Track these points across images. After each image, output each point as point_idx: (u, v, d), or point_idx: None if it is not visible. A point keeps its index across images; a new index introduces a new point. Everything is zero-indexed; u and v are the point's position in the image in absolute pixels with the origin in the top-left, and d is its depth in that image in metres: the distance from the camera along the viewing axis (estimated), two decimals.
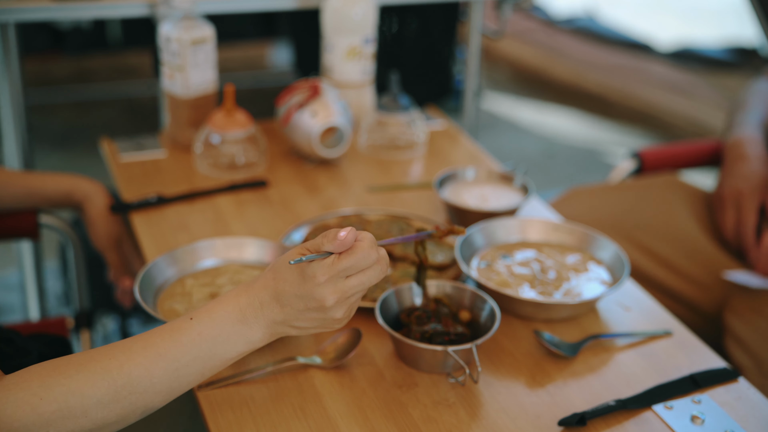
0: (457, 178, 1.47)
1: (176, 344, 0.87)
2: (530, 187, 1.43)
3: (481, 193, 1.44)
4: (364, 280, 0.89)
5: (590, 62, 4.41)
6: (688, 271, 1.53)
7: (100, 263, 1.58)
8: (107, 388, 0.84)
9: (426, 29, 3.02)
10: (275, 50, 4.33)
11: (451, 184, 1.46)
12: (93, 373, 0.85)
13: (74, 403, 0.83)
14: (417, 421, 0.98)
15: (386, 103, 1.63)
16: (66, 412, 0.83)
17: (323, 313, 0.89)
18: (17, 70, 1.69)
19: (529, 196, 1.41)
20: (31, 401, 0.82)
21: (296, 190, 1.50)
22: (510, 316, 1.17)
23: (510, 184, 1.47)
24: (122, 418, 0.87)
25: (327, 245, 0.87)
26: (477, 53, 2.15)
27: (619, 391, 1.05)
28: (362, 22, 1.64)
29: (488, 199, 1.43)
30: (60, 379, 0.84)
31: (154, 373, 0.86)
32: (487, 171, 1.49)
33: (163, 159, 1.58)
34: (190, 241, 1.31)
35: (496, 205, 1.40)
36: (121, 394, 0.85)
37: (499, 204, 1.41)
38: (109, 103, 3.87)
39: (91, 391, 0.84)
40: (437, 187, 1.42)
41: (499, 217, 1.34)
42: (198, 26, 1.55)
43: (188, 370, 0.88)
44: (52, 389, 0.83)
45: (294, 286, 0.88)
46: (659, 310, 1.21)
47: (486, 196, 1.43)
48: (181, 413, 1.12)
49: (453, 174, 1.47)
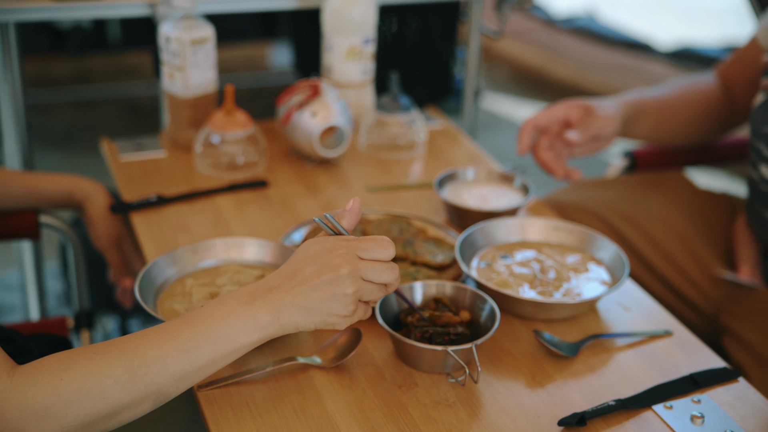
0: (457, 178, 1.47)
1: (188, 325, 0.90)
2: (530, 187, 1.43)
3: (481, 193, 1.44)
4: (377, 272, 0.93)
5: (590, 62, 4.41)
6: (686, 269, 1.53)
7: (100, 263, 1.58)
8: (124, 368, 0.86)
9: (426, 29, 3.01)
10: (275, 50, 4.33)
11: (451, 184, 1.46)
12: (110, 354, 0.87)
13: (93, 383, 0.85)
14: (417, 421, 0.98)
15: (386, 103, 1.63)
16: (85, 392, 0.85)
17: (335, 286, 0.91)
18: (17, 70, 1.69)
19: (529, 196, 1.41)
20: (52, 381, 0.84)
21: (296, 190, 1.50)
22: (510, 316, 1.17)
23: (510, 184, 1.47)
24: (137, 402, 0.88)
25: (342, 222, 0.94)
26: (477, 53, 2.15)
27: (619, 391, 1.05)
28: (362, 22, 1.64)
29: (488, 199, 1.43)
30: (79, 360, 0.86)
31: (167, 353, 0.88)
32: (487, 171, 1.49)
33: (163, 159, 1.58)
34: (190, 241, 1.31)
35: (496, 205, 1.40)
36: (137, 375, 0.87)
37: (499, 204, 1.41)
38: (110, 103, 3.88)
39: (108, 371, 0.86)
40: (437, 187, 1.42)
41: (499, 217, 1.35)
42: (198, 26, 1.55)
43: (200, 352, 0.89)
44: (72, 369, 0.85)
45: (312, 259, 0.92)
46: (659, 310, 1.21)
47: (486, 196, 1.43)
48: (181, 413, 1.12)
49: (453, 174, 1.47)
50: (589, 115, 1.49)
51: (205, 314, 0.91)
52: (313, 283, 0.91)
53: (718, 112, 1.65)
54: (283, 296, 0.91)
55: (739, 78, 1.64)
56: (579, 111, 1.49)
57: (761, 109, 1.47)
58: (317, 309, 0.92)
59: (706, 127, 1.67)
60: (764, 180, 1.44)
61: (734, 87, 1.65)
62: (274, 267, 1.21)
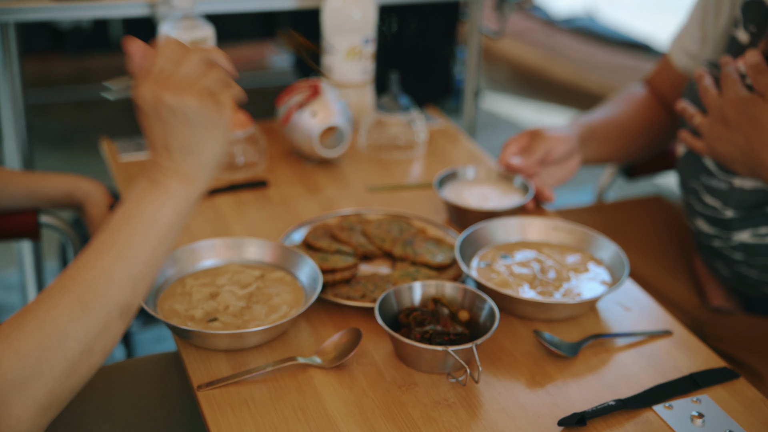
0: (457, 177, 1.47)
1: (110, 235, 0.88)
2: (530, 187, 1.43)
3: (482, 193, 1.44)
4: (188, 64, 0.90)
5: (590, 62, 4.41)
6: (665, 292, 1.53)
7: None
8: (71, 300, 0.84)
9: (426, 29, 3.01)
10: (275, 50, 4.33)
11: (452, 184, 1.46)
12: (52, 296, 0.85)
13: (49, 329, 0.83)
14: (417, 421, 0.98)
15: (386, 103, 1.63)
16: (47, 341, 0.82)
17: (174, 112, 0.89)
18: (17, 70, 1.69)
19: (530, 196, 1.41)
20: (12, 346, 0.81)
21: (296, 190, 1.50)
22: (510, 316, 1.18)
23: (510, 184, 1.47)
24: (104, 326, 0.86)
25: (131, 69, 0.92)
26: (477, 53, 2.15)
27: (619, 391, 1.05)
28: (362, 22, 1.64)
29: (489, 199, 1.43)
30: (27, 316, 0.83)
31: (105, 267, 0.87)
32: (487, 170, 1.49)
33: None
34: (190, 241, 1.31)
35: (496, 205, 1.40)
36: (87, 300, 0.85)
37: (500, 203, 1.41)
38: (109, 103, 3.87)
39: (57, 311, 0.84)
40: (437, 187, 1.42)
41: (499, 216, 1.35)
42: (198, 26, 1.55)
43: (136, 250, 0.88)
44: (23, 327, 0.83)
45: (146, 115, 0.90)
46: (659, 310, 1.21)
47: (486, 196, 1.43)
48: (181, 413, 1.12)
49: (453, 173, 1.47)
50: (535, 138, 1.49)
51: (119, 217, 0.89)
52: (172, 130, 0.89)
53: (659, 119, 1.65)
54: (168, 158, 0.90)
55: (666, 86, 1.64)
56: (525, 138, 1.50)
57: (685, 162, 1.46)
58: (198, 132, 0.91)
59: (654, 136, 1.66)
60: (702, 233, 1.43)
61: (665, 94, 1.65)
62: (274, 267, 1.21)
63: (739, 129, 1.27)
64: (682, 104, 1.40)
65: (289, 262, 1.21)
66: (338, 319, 1.16)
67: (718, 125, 1.30)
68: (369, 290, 1.18)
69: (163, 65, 0.90)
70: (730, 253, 1.40)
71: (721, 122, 1.29)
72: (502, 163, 1.47)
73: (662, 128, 1.66)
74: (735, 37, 1.38)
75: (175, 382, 1.14)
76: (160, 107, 0.89)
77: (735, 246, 1.38)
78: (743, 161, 1.29)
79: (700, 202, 1.41)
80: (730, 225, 1.37)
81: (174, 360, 1.18)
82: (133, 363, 1.19)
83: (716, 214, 1.38)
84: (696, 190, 1.41)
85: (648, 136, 1.66)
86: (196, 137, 0.91)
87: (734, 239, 1.38)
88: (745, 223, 1.35)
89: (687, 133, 1.40)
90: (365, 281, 1.21)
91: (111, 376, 1.14)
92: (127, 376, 1.14)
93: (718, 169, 1.37)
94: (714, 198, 1.38)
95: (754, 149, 1.26)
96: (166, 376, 1.15)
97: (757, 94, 1.25)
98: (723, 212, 1.37)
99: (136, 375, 1.15)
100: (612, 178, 1.82)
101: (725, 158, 1.31)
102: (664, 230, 1.68)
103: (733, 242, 1.38)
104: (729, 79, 1.28)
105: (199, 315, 1.10)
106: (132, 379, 1.14)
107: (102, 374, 1.15)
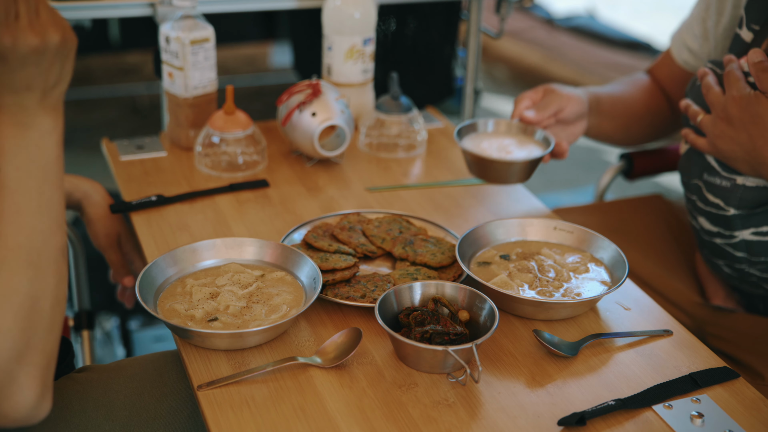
0: (477, 129, 1.44)
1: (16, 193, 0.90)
2: (551, 139, 1.41)
3: (502, 144, 1.42)
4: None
5: (590, 62, 4.41)
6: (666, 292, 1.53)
7: (100, 263, 1.58)
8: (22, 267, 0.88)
9: (426, 29, 3.01)
10: (275, 50, 4.33)
11: (471, 136, 1.43)
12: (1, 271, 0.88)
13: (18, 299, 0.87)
14: (417, 421, 0.98)
15: (386, 103, 1.63)
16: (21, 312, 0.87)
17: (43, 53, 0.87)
18: None
19: (551, 148, 1.39)
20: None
21: (296, 190, 1.50)
22: (510, 316, 1.18)
23: (531, 137, 1.44)
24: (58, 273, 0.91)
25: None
26: (477, 53, 2.15)
27: (619, 390, 1.05)
28: (362, 22, 1.64)
29: (510, 151, 1.40)
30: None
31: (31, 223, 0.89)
32: (507, 124, 1.46)
33: (163, 159, 1.58)
34: (190, 241, 1.31)
35: (518, 155, 1.36)
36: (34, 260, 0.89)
37: (522, 154, 1.38)
38: (110, 103, 3.88)
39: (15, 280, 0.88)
40: (457, 137, 1.40)
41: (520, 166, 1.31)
42: (198, 26, 1.55)
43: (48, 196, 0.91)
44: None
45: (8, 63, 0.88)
46: (659, 310, 1.21)
47: (507, 148, 1.41)
48: (181, 413, 1.12)
49: (472, 125, 1.44)
50: (547, 94, 1.50)
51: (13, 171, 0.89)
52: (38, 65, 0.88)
53: (661, 107, 1.66)
54: (31, 97, 0.89)
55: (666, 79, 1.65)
56: (539, 93, 1.51)
57: (686, 160, 1.46)
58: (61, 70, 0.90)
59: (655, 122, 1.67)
60: (704, 230, 1.44)
61: (665, 86, 1.66)
62: (274, 267, 1.21)
63: (742, 127, 1.27)
64: (686, 102, 1.40)
65: (289, 262, 1.21)
66: (338, 319, 1.16)
67: (721, 123, 1.30)
68: (369, 290, 1.18)
69: (6, 7, 0.87)
70: (731, 250, 1.40)
71: (724, 120, 1.30)
72: (516, 116, 1.46)
73: (663, 116, 1.67)
74: (739, 36, 1.38)
75: (175, 380, 1.14)
76: (28, 52, 0.87)
77: (737, 244, 1.38)
78: (746, 159, 1.29)
79: (702, 200, 1.41)
80: (732, 223, 1.37)
81: (173, 359, 1.18)
82: (132, 362, 1.19)
83: (718, 211, 1.38)
84: (698, 187, 1.41)
85: (649, 121, 1.66)
86: (59, 69, 0.91)
87: (736, 237, 1.38)
88: (748, 221, 1.36)
89: (690, 130, 1.40)
90: (365, 281, 1.21)
91: (111, 374, 1.14)
92: (127, 375, 1.15)
93: (720, 166, 1.37)
94: (716, 196, 1.38)
95: (756, 147, 1.26)
96: (165, 375, 1.15)
97: (761, 92, 1.25)
98: (725, 210, 1.37)
99: (136, 374, 1.15)
100: (612, 178, 1.82)
101: (728, 156, 1.31)
102: (665, 229, 1.68)
103: (735, 240, 1.38)
104: (732, 77, 1.28)
105: (200, 315, 1.10)
106: (131, 377, 1.14)
107: (102, 373, 1.15)
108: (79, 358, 1.59)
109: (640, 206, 1.76)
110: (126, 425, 1.09)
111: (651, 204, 1.76)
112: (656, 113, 1.66)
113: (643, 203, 1.77)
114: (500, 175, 1.40)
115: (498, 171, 1.33)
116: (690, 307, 1.50)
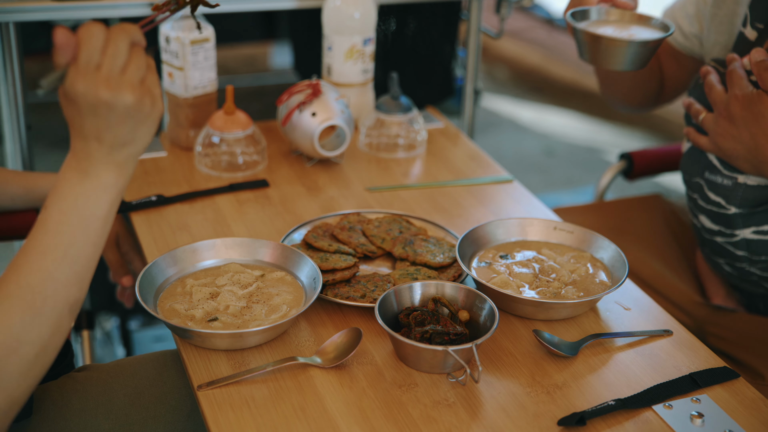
0: (587, 15, 1.35)
1: (48, 234, 0.88)
2: (670, 25, 1.32)
3: (619, 28, 1.33)
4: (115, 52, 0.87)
5: None
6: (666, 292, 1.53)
7: (100, 263, 1.58)
8: (21, 308, 0.85)
9: (426, 29, 3.01)
10: (275, 50, 4.33)
11: (580, 22, 1.34)
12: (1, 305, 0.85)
13: (3, 338, 0.84)
14: (417, 421, 0.98)
15: (386, 103, 1.63)
16: (2, 350, 0.84)
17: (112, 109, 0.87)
18: (17, 70, 1.69)
19: (671, 32, 1.30)
20: None
21: (296, 190, 1.50)
22: (510, 316, 1.18)
23: (648, 24, 1.35)
24: (58, 326, 0.88)
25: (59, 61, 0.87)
26: (477, 53, 2.15)
27: (618, 390, 1.05)
28: (362, 22, 1.64)
29: (632, 34, 1.31)
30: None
31: (49, 269, 0.87)
32: (619, 12, 1.37)
33: (163, 159, 1.58)
34: (190, 241, 1.31)
35: (640, 36, 1.28)
36: (38, 305, 0.86)
37: (642, 35, 1.29)
38: None
39: (9, 319, 0.85)
40: (572, 19, 1.31)
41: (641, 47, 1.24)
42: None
43: (78, 249, 0.89)
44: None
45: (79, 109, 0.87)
46: (659, 310, 1.21)
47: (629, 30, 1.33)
48: (181, 412, 1.12)
49: (581, 12, 1.35)
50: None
51: (55, 213, 0.88)
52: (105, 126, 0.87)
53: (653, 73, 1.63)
54: (100, 149, 0.89)
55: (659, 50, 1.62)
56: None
57: (688, 158, 1.46)
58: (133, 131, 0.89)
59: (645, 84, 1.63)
60: (705, 229, 1.44)
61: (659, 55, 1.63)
62: (274, 267, 1.21)
63: (744, 125, 1.27)
64: (688, 100, 1.40)
65: (289, 262, 1.21)
66: (338, 319, 1.16)
67: (723, 121, 1.30)
68: (369, 290, 1.18)
69: (90, 55, 0.86)
70: (732, 249, 1.40)
71: (727, 119, 1.30)
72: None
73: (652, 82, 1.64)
74: (742, 34, 1.38)
75: (174, 380, 1.14)
76: (97, 104, 0.87)
77: (738, 243, 1.38)
78: (748, 158, 1.29)
79: (703, 199, 1.41)
80: (734, 221, 1.37)
81: (173, 358, 1.18)
82: (132, 361, 1.19)
83: (720, 210, 1.38)
84: (700, 186, 1.41)
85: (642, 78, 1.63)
86: (131, 130, 0.90)
87: (737, 236, 1.38)
88: (749, 220, 1.36)
89: (692, 129, 1.40)
90: (365, 281, 1.21)
91: (110, 374, 1.14)
92: (127, 374, 1.15)
93: (722, 165, 1.37)
94: (717, 194, 1.38)
95: (758, 146, 1.26)
96: (165, 374, 1.15)
97: (763, 91, 1.25)
98: (726, 209, 1.37)
99: (136, 373, 1.15)
100: (612, 178, 1.82)
101: (730, 155, 1.31)
102: (665, 229, 1.68)
103: (735, 239, 1.38)
104: (735, 75, 1.28)
105: (200, 315, 1.10)
106: (131, 377, 1.14)
107: (101, 372, 1.15)
108: (79, 357, 1.59)
109: (640, 206, 1.76)
110: (126, 424, 1.09)
111: (651, 204, 1.76)
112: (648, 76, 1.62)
113: (643, 203, 1.77)
114: (618, 57, 1.30)
115: (617, 53, 1.25)
116: (690, 306, 1.50)
